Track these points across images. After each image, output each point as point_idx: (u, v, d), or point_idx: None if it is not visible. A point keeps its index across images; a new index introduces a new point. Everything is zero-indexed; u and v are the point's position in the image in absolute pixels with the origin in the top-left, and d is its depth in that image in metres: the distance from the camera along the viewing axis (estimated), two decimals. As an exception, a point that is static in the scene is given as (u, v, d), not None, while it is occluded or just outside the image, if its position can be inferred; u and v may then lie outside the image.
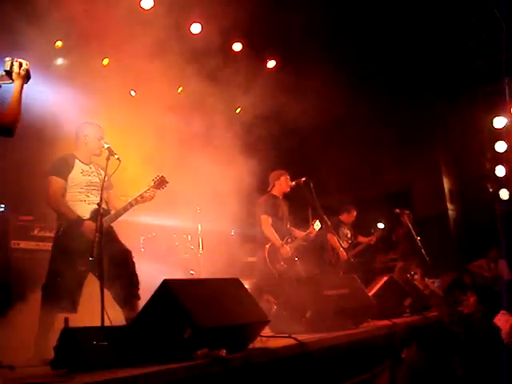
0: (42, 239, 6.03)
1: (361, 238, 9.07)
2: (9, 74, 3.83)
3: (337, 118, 10.18)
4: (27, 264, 5.42)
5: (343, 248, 8.52)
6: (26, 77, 3.87)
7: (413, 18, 9.46)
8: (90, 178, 4.96)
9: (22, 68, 3.84)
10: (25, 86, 3.87)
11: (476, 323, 5.08)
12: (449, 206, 12.49)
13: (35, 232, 6.16)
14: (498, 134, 10.98)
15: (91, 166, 5.06)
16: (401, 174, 12.13)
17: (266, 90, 8.43)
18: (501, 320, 5.39)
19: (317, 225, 6.94)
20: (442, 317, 5.40)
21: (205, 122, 8.12)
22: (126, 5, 7.44)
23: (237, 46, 9.76)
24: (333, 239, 8.46)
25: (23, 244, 5.89)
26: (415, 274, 6.01)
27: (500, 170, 11.02)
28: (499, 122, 10.92)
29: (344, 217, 8.95)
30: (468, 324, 4.97)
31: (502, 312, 5.47)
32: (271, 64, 10.27)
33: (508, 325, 5.30)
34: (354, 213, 8.99)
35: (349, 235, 8.92)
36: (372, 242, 8.94)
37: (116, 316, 4.50)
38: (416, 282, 6.01)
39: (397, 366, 4.65)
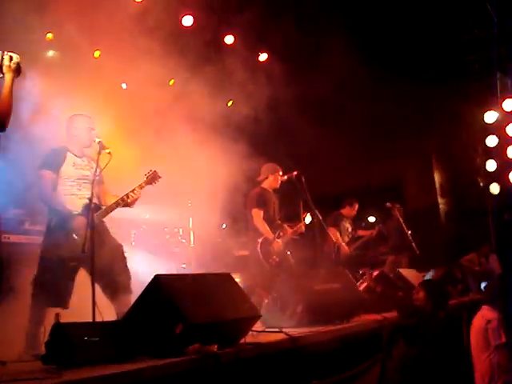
0: (33, 233, 5.98)
1: (361, 232, 9.05)
2: None
3: (326, 110, 10.18)
4: (17, 258, 5.38)
5: (344, 242, 8.57)
6: (17, 70, 3.83)
7: (405, 12, 9.46)
8: (82, 171, 4.93)
9: (13, 61, 3.79)
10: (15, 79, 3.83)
11: (427, 316, 5.16)
12: (439, 199, 12.54)
13: (26, 226, 6.12)
14: (489, 129, 11.00)
15: (84, 158, 5.02)
16: (391, 167, 12.15)
17: (258, 81, 8.42)
18: (480, 316, 5.45)
19: (307, 218, 6.97)
20: (397, 310, 5.47)
21: (196, 114, 8.10)
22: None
23: (229, 39, 9.73)
24: (334, 233, 8.51)
25: (14, 238, 5.86)
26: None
27: (491, 165, 11.04)
28: (490, 117, 10.93)
29: (346, 210, 8.96)
30: (420, 316, 5.05)
31: (483, 307, 5.51)
32: (263, 57, 10.25)
33: (484, 321, 5.36)
34: (356, 206, 9.00)
35: (350, 229, 8.93)
36: (373, 235, 8.90)
37: (108, 311, 4.49)
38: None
39: (387, 361, 4.68)
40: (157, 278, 3.62)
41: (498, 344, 5.22)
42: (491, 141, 10.99)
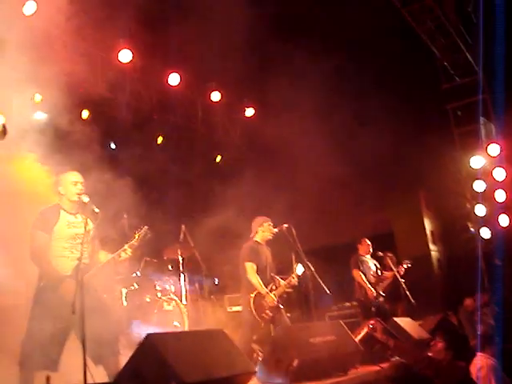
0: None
1: (385, 274, 8.92)
2: None
3: (320, 164, 10.29)
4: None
5: (370, 284, 8.51)
6: (3, 132, 3.85)
7: (387, 60, 9.66)
8: (76, 229, 4.84)
9: None
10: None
11: (445, 366, 5.02)
12: (431, 246, 12.55)
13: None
14: (476, 174, 11.12)
15: (77, 215, 4.96)
16: (383, 217, 12.20)
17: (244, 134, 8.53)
18: (473, 364, 5.38)
19: (299, 269, 6.90)
20: (412, 364, 5.36)
21: (184, 168, 8.15)
22: (106, 61, 7.55)
23: (215, 96, 9.88)
24: (357, 275, 8.49)
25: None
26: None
27: (480, 209, 11.10)
28: (476, 162, 11.06)
29: (361, 250, 8.90)
30: (438, 368, 4.92)
31: (478, 354, 5.44)
32: (250, 112, 10.43)
33: (475, 369, 5.28)
34: (365, 241, 8.93)
35: (374, 268, 8.82)
36: (400, 273, 8.74)
37: (99, 373, 4.40)
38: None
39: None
40: (149, 336, 3.57)
41: None
42: (479, 186, 11.09)
